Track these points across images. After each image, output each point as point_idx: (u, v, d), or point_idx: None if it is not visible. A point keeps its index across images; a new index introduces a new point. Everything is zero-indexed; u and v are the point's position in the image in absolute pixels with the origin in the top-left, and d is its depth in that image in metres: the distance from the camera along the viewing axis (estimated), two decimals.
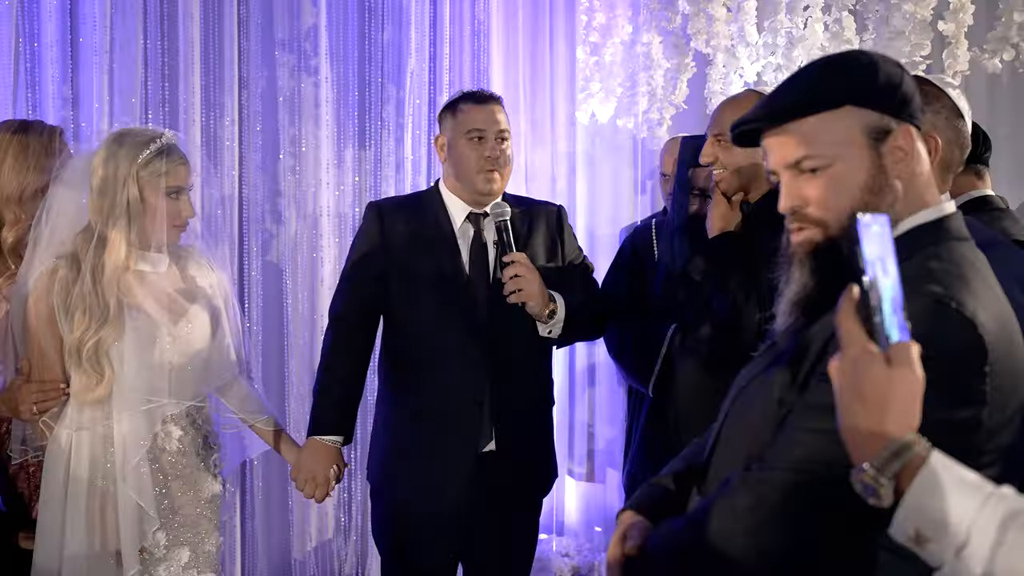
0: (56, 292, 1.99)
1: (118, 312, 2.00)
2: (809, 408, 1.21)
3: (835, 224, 1.31)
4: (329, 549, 3.63)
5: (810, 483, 1.17)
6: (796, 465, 1.19)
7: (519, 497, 2.46)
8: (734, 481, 1.25)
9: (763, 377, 1.35)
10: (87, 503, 1.99)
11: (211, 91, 3.43)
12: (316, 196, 3.55)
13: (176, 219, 2.09)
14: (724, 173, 2.24)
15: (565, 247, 2.56)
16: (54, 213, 2.02)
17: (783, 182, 1.36)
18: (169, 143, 2.08)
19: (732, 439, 1.38)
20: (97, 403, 2.00)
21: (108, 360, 1.99)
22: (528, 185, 3.85)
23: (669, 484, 1.52)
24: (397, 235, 2.41)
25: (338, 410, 2.37)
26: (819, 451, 1.17)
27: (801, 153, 1.31)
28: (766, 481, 1.21)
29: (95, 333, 1.96)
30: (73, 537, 1.96)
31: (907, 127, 1.31)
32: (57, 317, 1.98)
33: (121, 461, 2.00)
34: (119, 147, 2.03)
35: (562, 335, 2.41)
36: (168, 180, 2.05)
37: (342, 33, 3.59)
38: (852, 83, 1.31)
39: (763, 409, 1.31)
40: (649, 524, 1.45)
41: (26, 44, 3.20)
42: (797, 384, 1.26)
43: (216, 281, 2.22)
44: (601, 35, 3.63)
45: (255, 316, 3.51)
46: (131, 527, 1.98)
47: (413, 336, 2.40)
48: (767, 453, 1.24)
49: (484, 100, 2.44)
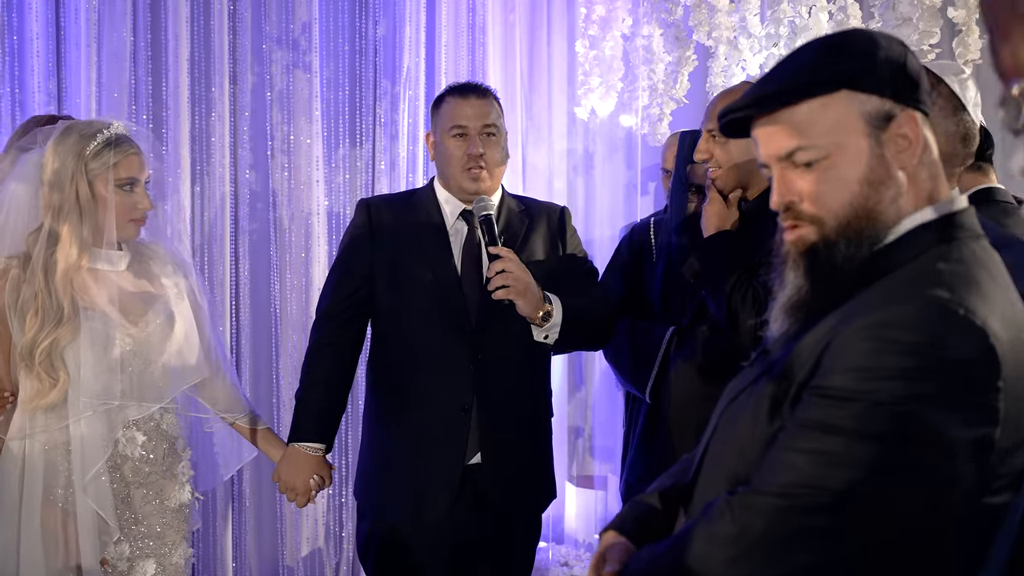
0: (8, 292, 1.89)
1: (72, 312, 1.90)
2: (801, 426, 1.09)
3: (831, 220, 1.19)
4: (320, 557, 3.53)
5: (800, 510, 1.06)
6: (784, 490, 1.07)
7: (511, 514, 2.30)
8: (717, 505, 1.14)
9: (752, 390, 1.23)
10: (43, 515, 1.89)
11: (200, 86, 3.35)
12: (308, 195, 3.47)
13: (132, 212, 1.99)
14: (720, 170, 2.14)
15: (568, 249, 2.42)
16: (5, 211, 1.92)
17: (775, 176, 1.24)
18: (118, 133, 1.98)
19: (719, 457, 1.27)
20: (51, 409, 1.90)
21: (63, 363, 1.89)
22: (525, 184, 3.75)
23: (655, 503, 1.41)
24: (385, 232, 2.29)
25: (319, 416, 2.26)
26: (810, 475, 1.06)
27: (793, 144, 1.20)
28: (750, 507, 1.09)
29: (49, 334, 1.86)
30: (29, 552, 1.86)
31: (911, 113, 1.19)
32: (8, 318, 1.89)
33: (80, 469, 1.90)
34: (66, 141, 1.93)
35: (560, 341, 2.24)
36: (119, 172, 1.95)
37: (334, 28, 3.51)
38: (848, 65, 1.18)
39: (751, 425, 1.19)
40: (631, 546, 1.34)
41: (7, 37, 3.13)
42: (788, 399, 1.15)
43: (181, 280, 2.11)
44: (600, 28, 3.53)
45: (245, 317, 3.42)
46: (91, 539, 1.88)
47: (399, 337, 2.28)
48: (754, 475, 1.13)
49: (468, 93, 2.29)
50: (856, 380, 1.05)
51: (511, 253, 2.15)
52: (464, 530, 2.24)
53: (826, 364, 1.09)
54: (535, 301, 2.14)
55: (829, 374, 1.08)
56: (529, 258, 2.25)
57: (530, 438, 2.34)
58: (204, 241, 3.38)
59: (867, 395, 1.04)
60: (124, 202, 1.97)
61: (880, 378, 1.04)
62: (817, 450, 1.06)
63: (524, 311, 2.14)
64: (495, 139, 2.29)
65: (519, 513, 2.33)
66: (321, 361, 2.28)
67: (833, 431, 1.05)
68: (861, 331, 1.07)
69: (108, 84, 3.23)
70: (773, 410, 1.16)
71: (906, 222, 1.18)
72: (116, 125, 1.99)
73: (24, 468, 1.89)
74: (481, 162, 2.24)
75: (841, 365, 1.07)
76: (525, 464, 2.31)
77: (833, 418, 1.06)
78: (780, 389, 1.16)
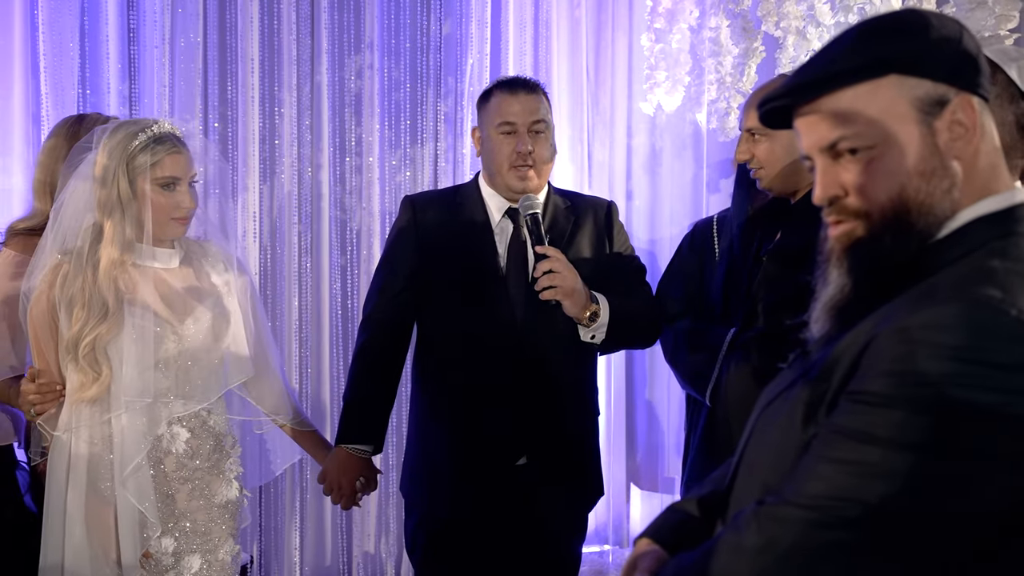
0: (59, 287, 1.93)
1: (117, 308, 1.92)
2: (835, 434, 1.02)
3: (878, 215, 1.10)
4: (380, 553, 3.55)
5: (831, 524, 0.98)
6: (815, 502, 1.00)
7: (557, 514, 2.27)
8: (745, 515, 1.07)
9: (787, 394, 1.16)
10: (90, 507, 1.92)
11: (266, 85, 3.40)
12: (370, 193, 3.49)
13: (173, 211, 1.99)
14: (763, 170, 2.05)
15: (614, 246, 2.36)
16: (63, 206, 1.96)
17: (818, 168, 1.16)
18: (161, 132, 1.98)
19: (753, 464, 1.20)
20: (94, 403, 1.93)
21: (106, 358, 1.92)
22: (591, 181, 3.69)
23: (692, 510, 1.35)
24: (430, 230, 2.27)
25: (365, 417, 2.25)
26: (842, 486, 0.98)
27: (837, 134, 1.11)
28: (779, 519, 1.02)
29: (92, 329, 1.89)
30: (74, 541, 1.90)
31: (967, 97, 1.09)
32: (57, 313, 1.93)
33: (119, 463, 1.92)
34: (114, 138, 1.96)
35: (607, 341, 2.21)
36: (159, 170, 1.96)
37: (396, 26, 3.52)
38: (897, 47, 1.09)
39: (785, 432, 1.12)
40: (664, 555, 1.28)
41: (80, 40, 3.22)
42: (824, 404, 1.07)
43: (232, 278, 2.13)
44: (667, 21, 3.44)
45: (308, 314, 3.46)
46: (130, 532, 1.90)
47: (444, 337, 2.25)
48: (784, 484, 1.06)
49: (517, 88, 2.23)
50: (894, 386, 0.98)
51: (558, 253, 2.11)
52: (509, 529, 2.21)
53: (864, 368, 1.02)
54: (582, 301, 2.10)
55: (866, 378, 1.01)
56: (575, 255, 2.20)
57: (577, 438, 2.29)
58: (270, 239, 3.44)
59: (905, 402, 0.96)
60: (165, 201, 1.98)
61: (919, 384, 0.96)
62: (850, 460, 0.98)
63: (571, 311, 2.10)
64: (544, 135, 2.23)
65: (564, 512, 2.29)
66: (367, 363, 2.27)
67: (868, 440, 0.98)
68: (901, 333, 0.99)
69: (179, 85, 3.31)
70: (808, 416, 1.09)
71: (961, 215, 1.09)
72: (161, 124, 2.00)
73: (70, 459, 1.92)
74: (529, 160, 2.19)
75: (878, 369, 1.00)
76: (571, 464, 2.26)
77: (868, 426, 0.98)
78: (816, 394, 1.09)
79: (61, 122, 2.43)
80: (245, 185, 3.37)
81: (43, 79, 3.16)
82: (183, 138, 2.02)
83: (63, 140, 2.32)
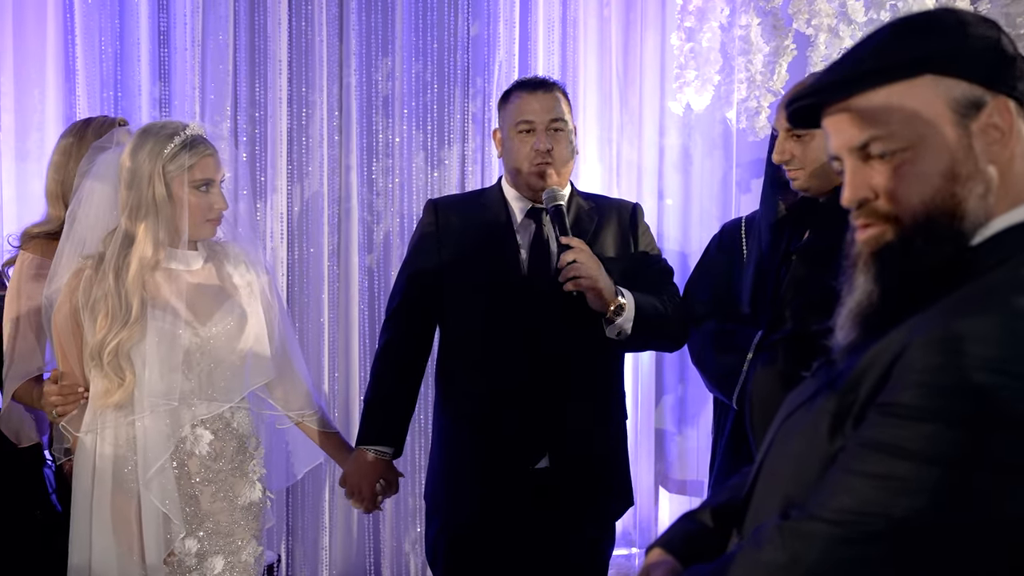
0: (81, 292, 1.95)
1: (141, 312, 1.94)
2: (863, 446, 0.98)
3: (910, 220, 1.07)
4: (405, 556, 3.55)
5: (856, 539, 0.96)
6: (842, 516, 0.97)
7: (581, 519, 2.24)
8: (767, 529, 1.04)
9: (810, 404, 1.12)
10: (116, 507, 1.94)
11: (295, 87, 3.42)
12: (398, 194, 3.50)
13: (208, 213, 2.02)
14: (800, 171, 2.01)
15: (639, 247, 2.34)
16: (83, 210, 1.98)
17: (847, 169, 1.12)
18: (194, 135, 2.01)
19: (773, 475, 1.16)
20: (117, 407, 1.95)
21: (129, 363, 1.93)
22: (619, 182, 3.66)
23: (707, 519, 1.32)
24: (453, 232, 2.27)
25: (386, 419, 2.25)
26: (870, 500, 0.95)
27: (868, 134, 1.08)
28: (804, 535, 0.99)
29: (116, 335, 1.91)
30: (100, 540, 1.92)
31: (1004, 100, 1.06)
32: (80, 318, 1.94)
33: (143, 464, 1.94)
34: (144, 142, 1.98)
35: (633, 338, 2.17)
36: (195, 173, 1.98)
37: (423, 26, 3.51)
38: (933, 46, 1.06)
39: (809, 443, 1.09)
40: (677, 566, 1.26)
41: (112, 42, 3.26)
42: (852, 416, 1.04)
43: (255, 279, 2.13)
44: (697, 19, 3.40)
45: (337, 315, 3.47)
46: (154, 533, 1.92)
47: (466, 338, 2.24)
48: (809, 498, 1.03)
49: (535, 87, 2.23)
50: (926, 398, 0.95)
51: (582, 243, 2.08)
52: (532, 534, 2.19)
53: (895, 379, 0.99)
54: (607, 293, 2.07)
55: (897, 390, 0.98)
56: (599, 256, 2.18)
57: (602, 441, 2.26)
58: (299, 240, 3.45)
59: (937, 415, 0.93)
60: (200, 203, 2.00)
61: (953, 396, 0.93)
62: (879, 474, 0.95)
63: (595, 304, 2.07)
64: (562, 134, 2.22)
65: (590, 518, 2.26)
66: (389, 364, 2.27)
67: (898, 453, 0.95)
68: (935, 343, 0.96)
69: (209, 87, 3.33)
70: (834, 428, 1.06)
71: (997, 222, 1.05)
72: (192, 127, 2.02)
73: (95, 460, 1.94)
74: (548, 158, 2.18)
75: (911, 380, 0.96)
76: (596, 468, 2.24)
77: (899, 439, 0.95)
78: (843, 405, 1.05)
79: (68, 128, 2.45)
80: (274, 186, 3.39)
81: (78, 81, 3.20)
82: (211, 140, 2.05)
83: (72, 145, 2.34)
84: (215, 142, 2.06)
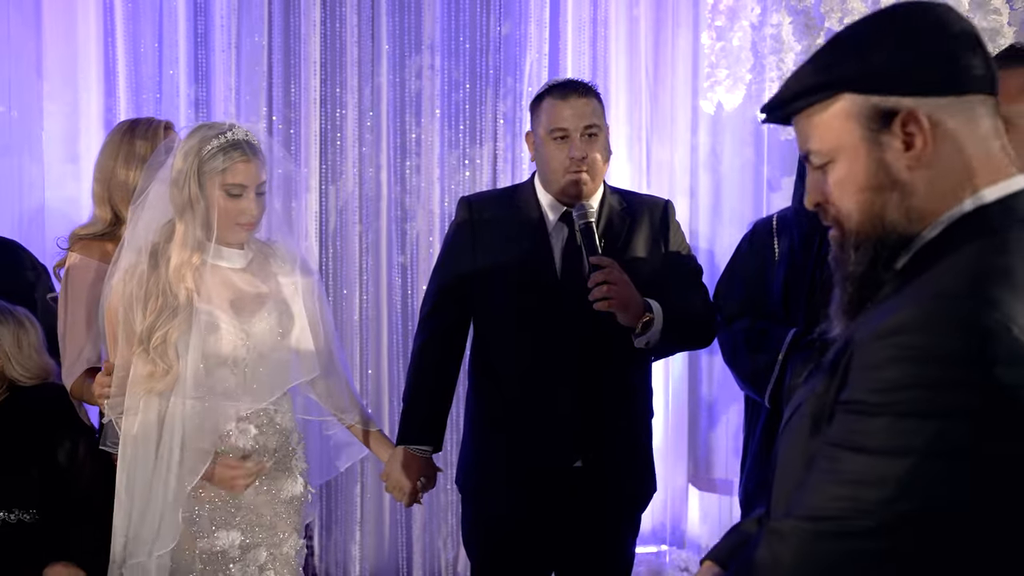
0: (135, 284, 1.98)
1: (186, 306, 1.98)
2: (831, 445, 1.01)
3: (847, 224, 1.12)
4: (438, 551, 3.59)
5: (829, 535, 0.98)
6: (812, 513, 1.00)
7: (612, 514, 2.28)
8: (762, 533, 1.08)
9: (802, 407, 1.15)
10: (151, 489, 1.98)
11: (328, 87, 3.46)
12: (430, 193, 3.53)
13: (238, 217, 2.02)
14: None
15: (670, 246, 2.35)
16: (146, 207, 2.02)
17: (807, 173, 1.18)
18: (234, 139, 2.01)
19: (781, 478, 1.18)
20: (160, 395, 1.98)
21: (175, 352, 1.97)
22: (650, 181, 3.68)
23: (752, 529, 1.34)
24: (487, 231, 2.29)
25: (424, 418, 2.28)
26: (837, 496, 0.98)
27: (805, 148, 1.15)
28: (783, 535, 1.02)
29: (164, 323, 1.95)
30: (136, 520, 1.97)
31: (919, 104, 1.06)
32: (132, 310, 1.98)
33: (178, 445, 1.97)
34: (190, 141, 2.01)
35: (660, 345, 2.19)
36: (227, 177, 1.99)
37: (455, 26, 3.55)
38: (845, 67, 1.09)
39: (795, 444, 1.12)
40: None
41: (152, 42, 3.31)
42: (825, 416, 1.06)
43: (299, 279, 2.17)
44: (728, 18, 3.41)
45: (370, 314, 3.51)
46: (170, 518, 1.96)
47: (499, 337, 2.27)
48: (791, 498, 1.06)
49: (568, 93, 2.20)
50: (876, 393, 0.97)
51: (613, 263, 2.09)
52: (565, 528, 2.23)
53: (851, 377, 1.02)
54: (636, 312, 2.09)
55: (852, 388, 1.01)
56: (631, 256, 2.20)
57: (631, 440, 2.30)
58: (332, 239, 3.50)
59: (889, 407, 0.96)
60: (230, 207, 2.01)
61: (900, 388, 0.96)
62: (843, 470, 0.98)
63: (624, 321, 2.09)
64: (597, 138, 2.22)
65: (619, 512, 2.30)
66: (425, 363, 2.30)
67: (860, 449, 0.97)
68: (876, 339, 0.99)
69: (244, 88, 3.39)
70: (813, 429, 1.09)
71: (948, 215, 1.08)
72: (236, 130, 2.03)
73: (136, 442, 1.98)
74: (583, 165, 2.18)
75: (861, 377, 1.00)
76: (625, 466, 2.27)
77: (857, 435, 0.98)
78: (819, 405, 1.08)
79: (114, 129, 2.48)
80: (307, 186, 3.43)
81: (119, 84, 3.27)
82: (256, 145, 2.05)
83: (117, 147, 2.36)
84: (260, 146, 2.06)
